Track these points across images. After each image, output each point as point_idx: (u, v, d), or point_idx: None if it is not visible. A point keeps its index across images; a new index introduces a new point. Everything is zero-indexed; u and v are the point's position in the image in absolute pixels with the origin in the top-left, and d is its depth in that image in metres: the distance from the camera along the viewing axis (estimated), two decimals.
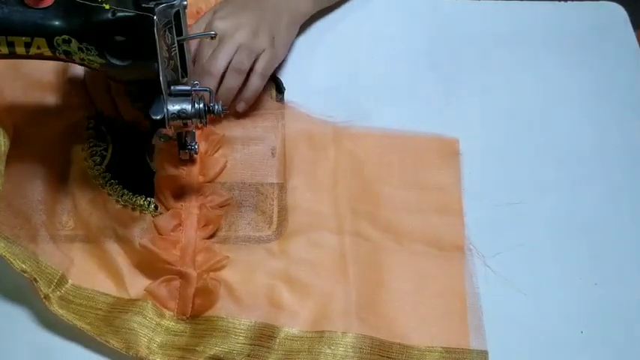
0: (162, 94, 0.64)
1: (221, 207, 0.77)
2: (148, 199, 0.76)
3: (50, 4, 0.62)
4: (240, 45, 0.79)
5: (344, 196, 0.78)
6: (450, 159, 0.81)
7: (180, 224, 0.75)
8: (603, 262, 0.76)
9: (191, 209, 0.76)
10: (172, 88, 0.67)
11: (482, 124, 0.85)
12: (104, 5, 0.61)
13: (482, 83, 0.88)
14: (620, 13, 0.94)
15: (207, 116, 0.68)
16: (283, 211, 0.77)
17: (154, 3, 0.60)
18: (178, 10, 0.63)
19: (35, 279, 0.69)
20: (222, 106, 0.69)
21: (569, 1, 0.95)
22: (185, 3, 0.63)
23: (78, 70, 0.80)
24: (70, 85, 0.81)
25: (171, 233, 0.74)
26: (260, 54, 0.80)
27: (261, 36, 0.81)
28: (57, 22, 0.62)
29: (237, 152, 0.80)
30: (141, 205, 0.75)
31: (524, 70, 0.89)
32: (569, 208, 0.79)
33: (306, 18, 0.89)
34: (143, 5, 0.60)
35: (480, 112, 0.86)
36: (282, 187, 0.78)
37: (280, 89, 0.84)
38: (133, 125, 0.78)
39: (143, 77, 0.64)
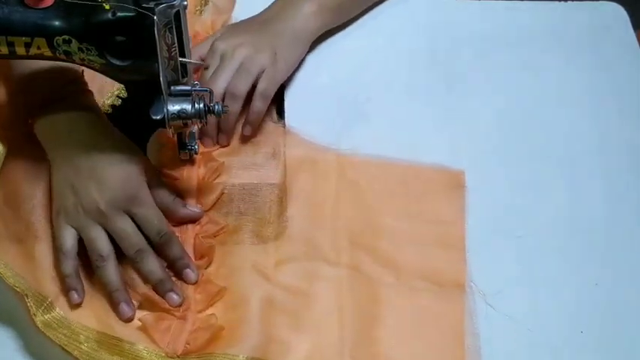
0: (163, 94, 0.64)
1: (215, 236, 0.75)
2: None
3: (50, 4, 0.62)
4: (241, 64, 0.79)
5: (344, 228, 0.76)
6: (455, 191, 0.79)
7: None
8: (604, 262, 0.76)
9: (187, 239, 0.74)
10: (172, 88, 0.66)
11: (483, 123, 0.85)
12: (104, 5, 0.61)
13: (483, 83, 0.88)
14: (620, 13, 0.94)
15: (207, 116, 0.68)
16: (284, 211, 0.77)
17: (155, 3, 0.60)
18: (178, 10, 0.63)
19: (27, 294, 0.67)
20: (222, 105, 0.69)
21: (569, 1, 0.95)
22: (185, 3, 0.63)
23: None
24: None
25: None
26: (261, 74, 0.80)
27: (261, 53, 0.80)
28: (57, 23, 0.62)
29: (236, 178, 0.78)
30: None
31: (524, 70, 0.89)
32: (569, 208, 0.79)
33: (312, 38, 0.87)
34: (143, 5, 0.60)
35: (480, 112, 0.86)
36: (282, 188, 0.78)
37: (281, 112, 0.83)
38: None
39: (143, 77, 0.64)
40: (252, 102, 0.80)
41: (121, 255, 0.70)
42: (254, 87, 0.80)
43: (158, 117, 0.64)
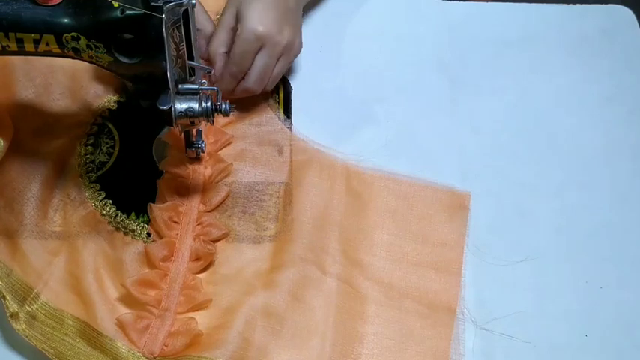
0: (170, 90, 0.65)
1: (215, 241, 0.74)
2: (142, 224, 0.74)
3: (59, 1, 0.62)
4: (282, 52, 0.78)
5: (340, 238, 0.75)
6: (458, 213, 0.77)
7: (172, 255, 0.73)
8: (609, 265, 0.76)
9: (186, 240, 0.73)
10: (180, 86, 0.67)
11: (490, 126, 0.85)
12: (113, 3, 0.61)
13: (490, 85, 0.88)
14: (629, 16, 0.94)
15: (215, 115, 0.68)
16: (288, 209, 0.76)
17: (163, 1, 0.60)
18: (187, 9, 0.63)
19: (4, 296, 0.67)
20: (229, 104, 0.69)
21: (577, 4, 0.95)
22: (194, 2, 0.63)
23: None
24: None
25: (162, 263, 0.72)
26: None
27: (295, 40, 0.79)
28: (66, 20, 0.62)
29: (242, 177, 0.78)
30: (133, 231, 0.74)
31: (532, 73, 0.89)
32: (575, 211, 0.79)
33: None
34: (152, 4, 0.60)
35: (487, 114, 0.86)
36: (287, 186, 0.78)
37: (288, 112, 0.83)
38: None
39: (150, 75, 0.64)
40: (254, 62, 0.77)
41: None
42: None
43: (165, 107, 0.64)
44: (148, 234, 0.74)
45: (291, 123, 0.82)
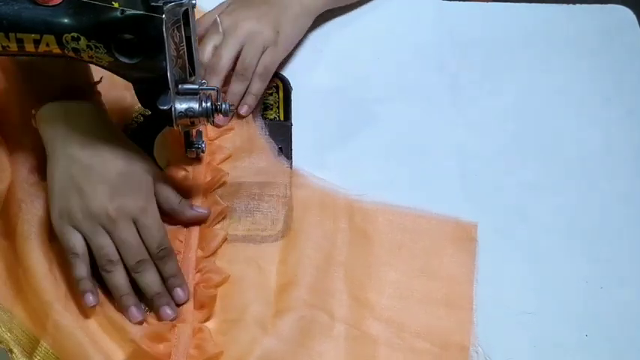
0: (170, 91, 0.65)
1: (217, 287, 0.71)
2: None
3: (59, 1, 0.62)
4: (244, 40, 0.79)
5: (347, 280, 0.72)
6: (465, 245, 0.75)
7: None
8: (609, 265, 0.76)
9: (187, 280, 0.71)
10: (180, 86, 0.67)
11: (490, 126, 0.85)
12: (113, 3, 0.61)
13: (490, 85, 0.88)
14: (629, 16, 0.94)
15: (215, 115, 0.68)
16: (289, 210, 0.76)
17: (163, 1, 0.60)
18: (187, 9, 0.63)
19: (11, 350, 0.66)
20: (229, 105, 0.69)
21: (577, 4, 0.95)
22: (194, 2, 0.63)
23: None
24: None
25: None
26: (264, 51, 0.80)
27: (265, 30, 0.80)
28: (66, 20, 0.62)
29: (240, 224, 0.75)
30: None
31: (532, 73, 0.89)
32: (575, 211, 0.79)
33: (314, 14, 0.87)
34: (152, 4, 0.60)
35: (487, 114, 0.86)
36: (288, 186, 0.77)
37: (288, 153, 0.81)
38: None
39: (151, 75, 0.64)
40: (251, 83, 0.80)
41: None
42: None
43: (165, 107, 0.64)
44: None
45: (291, 163, 0.80)
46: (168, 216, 0.73)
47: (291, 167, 0.79)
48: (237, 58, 0.81)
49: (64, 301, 0.69)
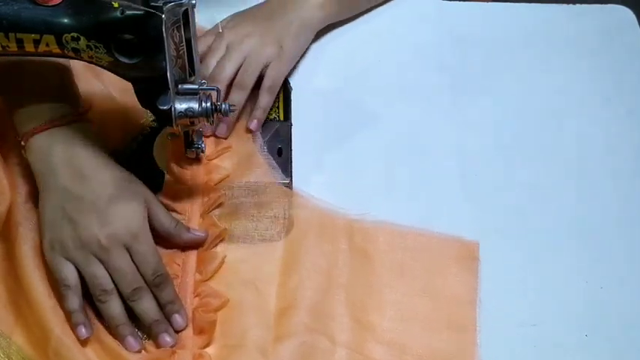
0: (170, 91, 0.65)
1: (216, 311, 0.70)
2: None
3: (59, 1, 0.62)
4: (247, 56, 0.79)
5: (349, 302, 0.71)
6: (468, 264, 0.74)
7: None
8: (609, 265, 0.76)
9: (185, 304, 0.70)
10: (180, 86, 0.67)
11: (490, 126, 0.85)
12: (113, 3, 0.61)
13: (490, 85, 0.88)
14: (629, 16, 0.94)
15: (215, 115, 0.68)
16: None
17: (163, 1, 0.60)
18: (187, 9, 0.63)
19: None
20: (229, 105, 0.69)
21: (577, 4, 0.95)
22: (194, 2, 0.63)
23: None
24: None
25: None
26: (267, 66, 0.80)
27: (268, 45, 0.81)
28: (66, 20, 0.62)
29: (239, 249, 0.74)
30: None
31: (533, 73, 0.89)
32: (575, 211, 0.79)
33: (316, 29, 0.87)
34: (152, 4, 0.60)
35: (487, 114, 0.85)
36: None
37: (288, 171, 0.79)
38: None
39: (151, 75, 0.64)
40: (260, 97, 0.80)
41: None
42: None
43: (165, 107, 0.64)
44: None
45: (290, 183, 0.79)
46: (165, 240, 0.72)
47: (290, 187, 0.78)
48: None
49: (63, 326, 0.67)
